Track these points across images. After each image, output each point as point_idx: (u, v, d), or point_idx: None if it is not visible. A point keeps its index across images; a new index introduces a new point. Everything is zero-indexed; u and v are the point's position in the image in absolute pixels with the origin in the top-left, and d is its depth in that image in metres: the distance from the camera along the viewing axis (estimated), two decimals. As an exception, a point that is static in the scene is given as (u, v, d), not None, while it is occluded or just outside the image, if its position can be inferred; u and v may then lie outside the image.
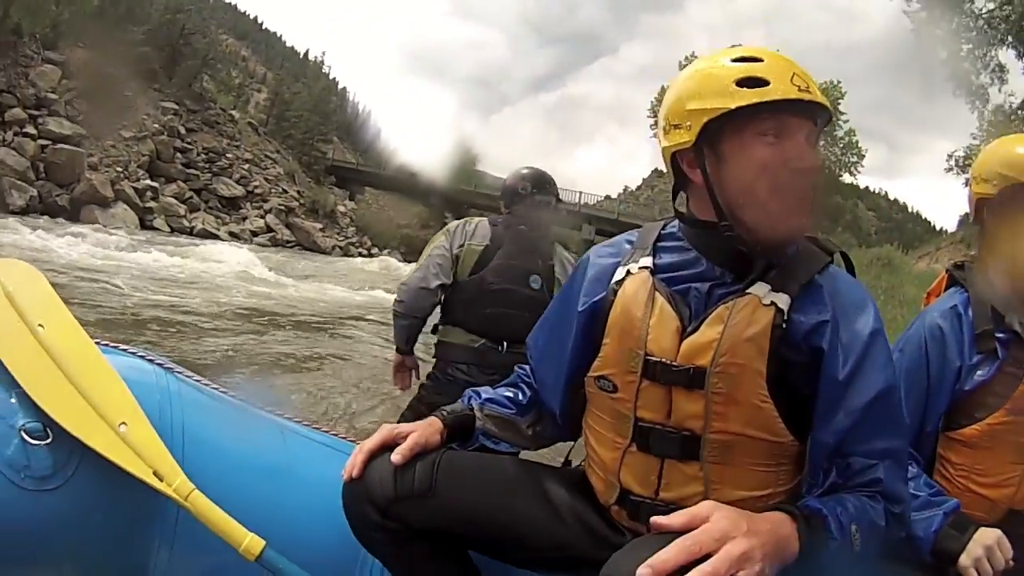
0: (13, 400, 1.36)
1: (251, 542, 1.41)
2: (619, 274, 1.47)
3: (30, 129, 34.19)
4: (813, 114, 1.35)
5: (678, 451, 1.35)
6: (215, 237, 36.99)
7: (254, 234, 42.52)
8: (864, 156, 50.38)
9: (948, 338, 1.76)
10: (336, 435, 1.84)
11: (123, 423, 1.39)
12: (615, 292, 1.45)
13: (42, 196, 31.69)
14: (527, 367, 1.70)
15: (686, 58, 50.67)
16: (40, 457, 1.31)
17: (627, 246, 1.54)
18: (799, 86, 1.30)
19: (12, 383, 1.37)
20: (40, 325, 1.48)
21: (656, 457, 1.38)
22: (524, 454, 1.79)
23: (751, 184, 1.32)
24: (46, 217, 28.57)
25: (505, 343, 3.11)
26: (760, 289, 1.32)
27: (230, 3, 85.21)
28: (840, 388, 1.29)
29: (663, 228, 1.53)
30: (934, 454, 1.76)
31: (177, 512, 1.43)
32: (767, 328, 1.29)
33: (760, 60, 1.34)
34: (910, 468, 1.57)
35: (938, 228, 56.59)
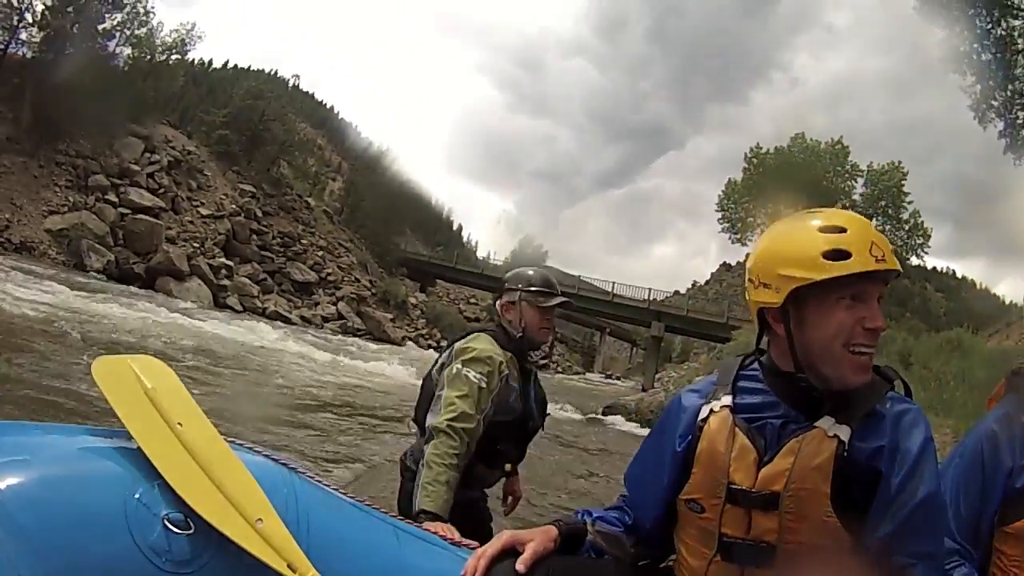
0: (156, 491, 1.44)
1: None
2: (704, 412, 1.65)
3: (112, 197, 35.24)
4: (886, 275, 1.50)
5: (756, 561, 1.53)
6: (287, 320, 37.06)
7: (325, 320, 42.43)
8: (930, 236, 48.80)
9: (1001, 441, 1.82)
10: (442, 536, 1.93)
11: (260, 519, 1.49)
12: (700, 430, 1.64)
13: (119, 262, 32.38)
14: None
15: (751, 150, 50.62)
16: (180, 544, 1.40)
17: (711, 386, 1.70)
18: (877, 256, 1.46)
19: (156, 475, 1.46)
20: (179, 423, 1.59)
21: (737, 566, 1.56)
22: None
23: (829, 343, 1.49)
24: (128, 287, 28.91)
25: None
26: (826, 423, 1.50)
27: (308, 92, 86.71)
28: (890, 499, 1.45)
29: (741, 366, 1.69)
30: (990, 548, 1.80)
31: None
32: (831, 457, 1.47)
33: (844, 230, 1.48)
34: (963, 567, 1.74)
35: (1007, 302, 54.50)
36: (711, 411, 1.64)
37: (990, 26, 23.93)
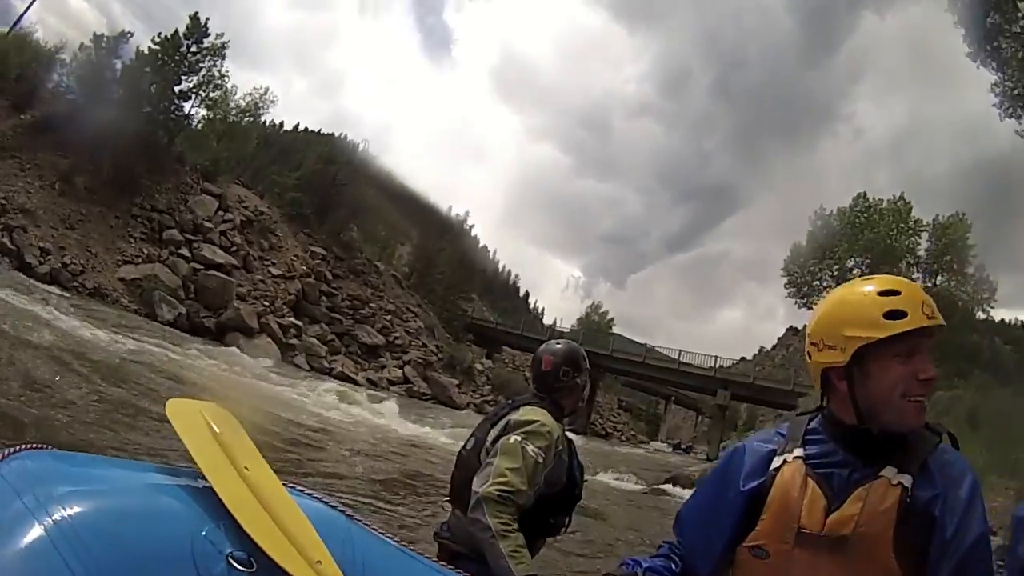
0: (221, 530, 1.48)
1: None
2: (776, 462, 1.76)
3: (185, 252, 36.12)
4: (935, 330, 1.66)
5: None
6: (353, 382, 36.95)
7: (391, 383, 42.31)
8: (996, 289, 47.31)
9: None
10: None
11: (319, 560, 1.53)
12: (773, 477, 1.73)
13: (190, 315, 32.95)
14: (673, 540, 1.96)
15: (815, 213, 49.71)
16: None
17: (779, 437, 1.82)
18: (927, 314, 1.63)
19: (221, 515, 1.50)
20: (246, 467, 1.65)
21: None
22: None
23: (888, 394, 1.63)
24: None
25: (449, 499, 3.15)
26: (889, 472, 1.62)
27: (375, 156, 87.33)
28: (946, 544, 1.54)
29: (808, 423, 1.81)
30: None
31: None
32: (896, 503, 1.58)
33: (899, 293, 1.66)
34: None
35: None
36: (784, 461, 1.74)
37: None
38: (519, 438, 2.79)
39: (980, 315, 49.38)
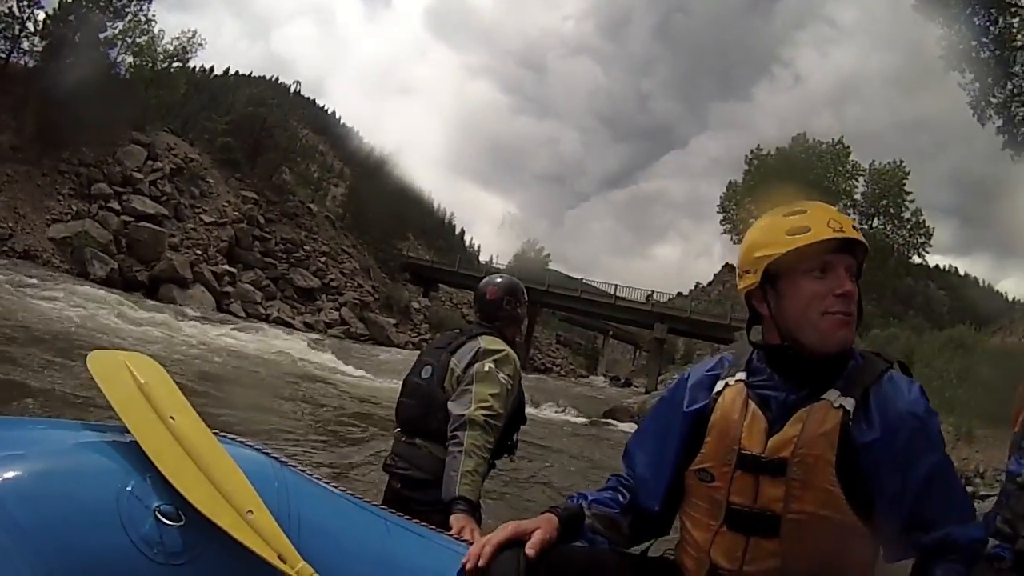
0: (148, 484, 1.48)
1: None
2: (719, 386, 1.77)
3: (115, 205, 35.34)
4: (852, 249, 1.66)
5: (762, 530, 1.61)
6: (290, 326, 36.94)
7: (328, 326, 42.32)
8: (932, 235, 49.08)
9: None
10: (428, 527, 1.95)
11: (250, 510, 1.53)
12: (715, 400, 1.75)
13: (122, 270, 32.51)
14: (623, 473, 1.94)
15: (751, 152, 50.74)
16: (172, 536, 1.44)
17: (724, 363, 1.83)
18: (834, 228, 1.62)
19: (147, 468, 1.49)
20: (171, 417, 1.62)
21: (743, 535, 1.63)
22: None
23: (805, 311, 1.63)
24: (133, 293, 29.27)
25: (400, 429, 3.15)
26: (831, 395, 1.62)
27: (309, 98, 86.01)
28: (897, 475, 1.55)
29: (753, 351, 1.79)
30: None
31: None
32: (836, 426, 1.58)
33: (804, 212, 1.68)
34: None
35: (1011, 299, 54.68)
36: (726, 384, 1.76)
37: (988, 23, 24.18)
38: (492, 365, 2.92)
39: (916, 259, 50.87)
